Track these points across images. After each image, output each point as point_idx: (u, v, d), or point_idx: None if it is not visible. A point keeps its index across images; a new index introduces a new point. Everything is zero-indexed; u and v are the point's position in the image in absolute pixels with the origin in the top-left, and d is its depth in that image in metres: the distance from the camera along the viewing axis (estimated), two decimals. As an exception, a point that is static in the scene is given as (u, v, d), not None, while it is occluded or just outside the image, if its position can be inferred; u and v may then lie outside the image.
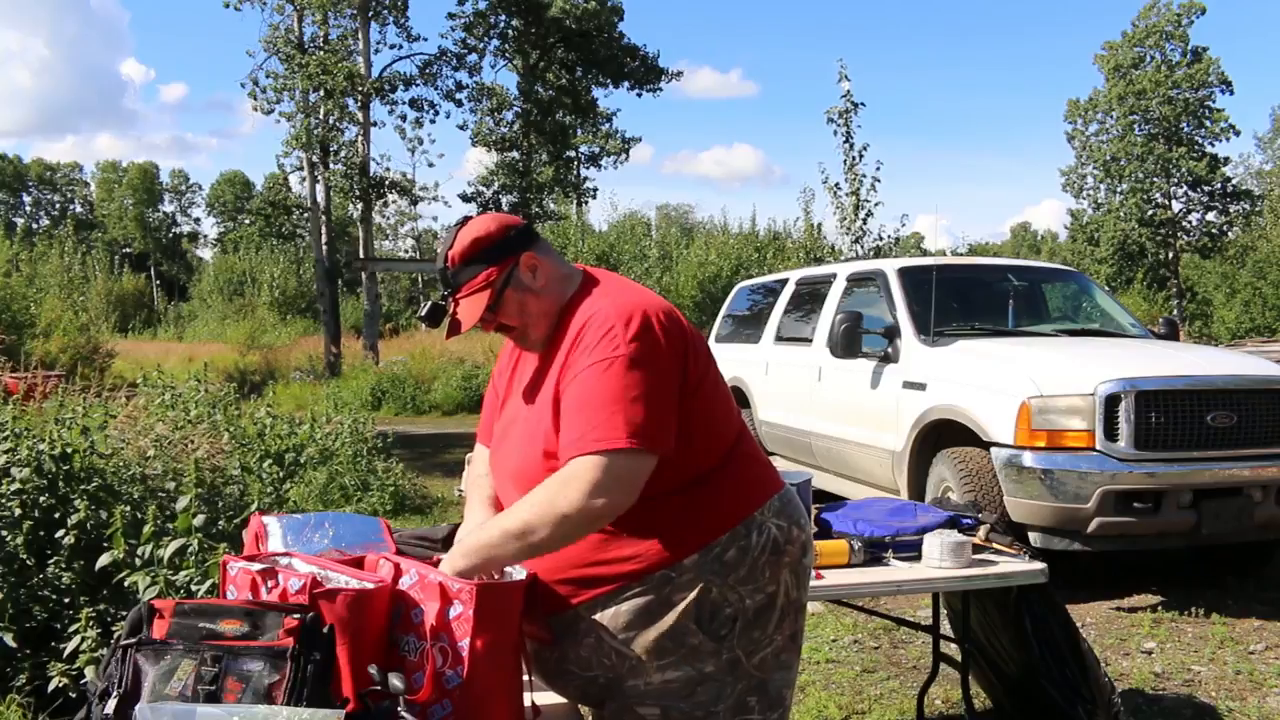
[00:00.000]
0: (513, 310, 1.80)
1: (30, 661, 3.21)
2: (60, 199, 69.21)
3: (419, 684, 1.54)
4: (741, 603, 1.70)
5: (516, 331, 1.84)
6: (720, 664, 1.70)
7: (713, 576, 1.68)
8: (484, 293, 1.78)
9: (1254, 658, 4.13)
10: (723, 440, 1.76)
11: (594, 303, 1.74)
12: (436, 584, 1.57)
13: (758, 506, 1.74)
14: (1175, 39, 30.70)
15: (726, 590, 1.69)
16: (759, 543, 1.72)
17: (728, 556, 1.69)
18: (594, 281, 1.83)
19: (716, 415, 1.75)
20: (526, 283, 1.79)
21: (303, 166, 21.05)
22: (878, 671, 4.01)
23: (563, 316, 1.79)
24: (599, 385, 1.61)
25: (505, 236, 1.81)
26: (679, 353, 1.69)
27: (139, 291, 48.74)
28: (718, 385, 1.78)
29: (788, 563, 1.76)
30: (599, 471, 1.56)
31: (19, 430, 3.82)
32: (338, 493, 6.57)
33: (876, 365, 5.91)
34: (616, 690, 1.71)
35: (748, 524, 1.72)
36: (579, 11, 21.07)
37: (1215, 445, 4.71)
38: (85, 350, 15.71)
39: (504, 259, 1.79)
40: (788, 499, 1.82)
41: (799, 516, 1.82)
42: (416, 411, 15.84)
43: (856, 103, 12.89)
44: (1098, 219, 32.20)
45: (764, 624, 1.73)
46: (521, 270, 1.79)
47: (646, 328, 1.66)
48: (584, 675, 1.73)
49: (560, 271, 1.83)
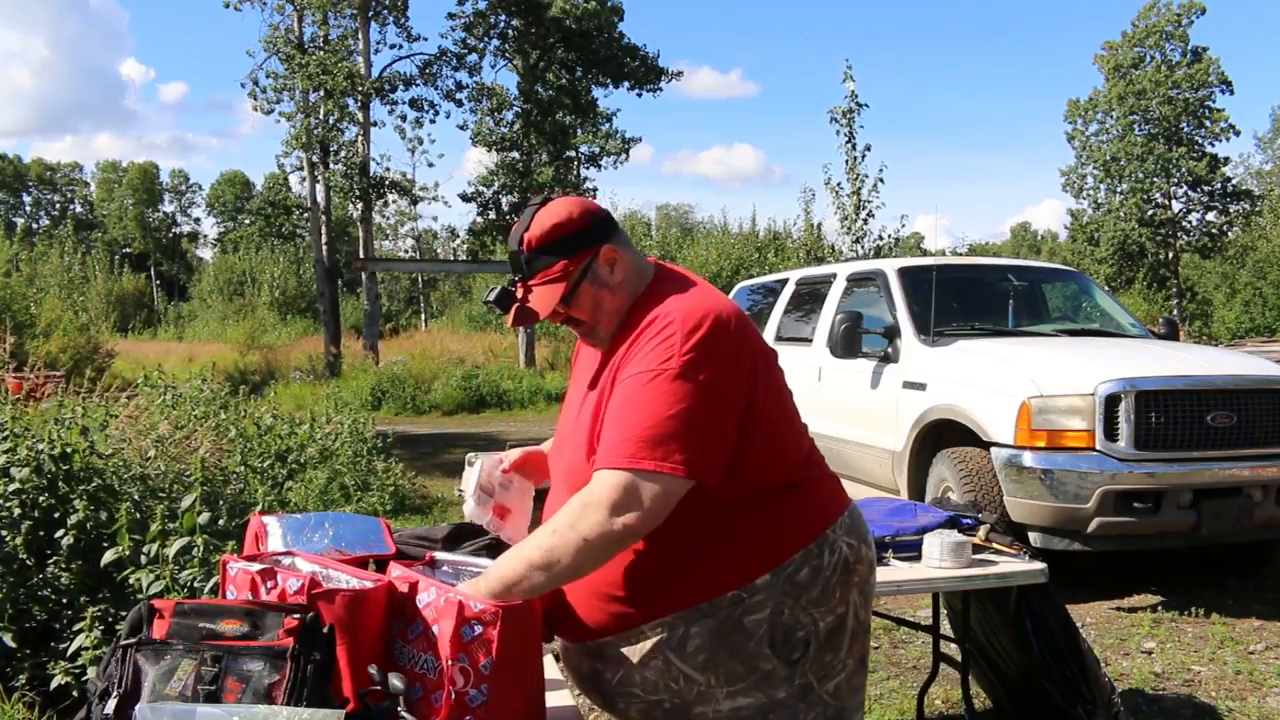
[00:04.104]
0: (586, 305, 1.68)
1: (30, 661, 3.21)
2: (60, 199, 69.19)
3: (418, 693, 1.54)
4: (814, 625, 1.62)
5: (585, 326, 1.72)
6: (793, 690, 1.62)
7: (785, 597, 1.60)
8: (559, 284, 1.66)
9: (1254, 658, 4.13)
10: (794, 455, 1.67)
11: (663, 303, 1.62)
12: (456, 602, 1.53)
13: (831, 523, 1.66)
14: (1175, 39, 30.68)
15: (799, 612, 1.61)
16: (831, 562, 1.64)
17: (800, 576, 1.61)
18: (667, 278, 1.72)
19: (788, 429, 1.67)
20: (604, 278, 1.67)
21: (303, 166, 21.05)
22: (878, 671, 4.01)
23: (631, 312, 1.68)
24: (642, 396, 1.52)
25: (587, 226, 1.68)
26: (746, 366, 1.58)
27: (139, 291, 48.76)
28: (789, 399, 1.70)
29: (856, 582, 1.68)
30: (620, 492, 1.48)
31: (18, 430, 3.82)
32: (338, 493, 6.57)
33: (876, 365, 5.91)
34: (682, 715, 1.63)
35: (820, 542, 1.64)
36: (579, 11, 21.05)
37: (1215, 445, 4.71)
38: (85, 350, 15.70)
39: (583, 250, 1.66)
40: (856, 516, 1.74)
41: (866, 534, 1.75)
42: (416, 411, 15.83)
43: (861, 103, 12.91)
44: (1098, 219, 32.19)
45: (836, 647, 1.66)
46: (600, 264, 1.67)
47: (712, 337, 1.54)
48: (648, 699, 1.64)
49: (637, 266, 1.71)
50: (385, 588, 1.61)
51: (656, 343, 1.55)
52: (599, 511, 1.48)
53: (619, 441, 1.51)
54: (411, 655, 1.57)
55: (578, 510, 1.51)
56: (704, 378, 1.52)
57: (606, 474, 1.50)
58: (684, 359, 1.52)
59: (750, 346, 1.61)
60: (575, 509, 1.51)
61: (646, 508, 1.49)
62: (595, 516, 1.48)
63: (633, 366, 1.56)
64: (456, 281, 40.73)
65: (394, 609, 1.61)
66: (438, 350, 20.98)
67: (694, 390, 1.51)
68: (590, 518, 1.49)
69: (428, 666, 1.55)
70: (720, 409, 1.54)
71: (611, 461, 1.50)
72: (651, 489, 1.48)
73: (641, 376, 1.53)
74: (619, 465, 1.49)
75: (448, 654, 1.52)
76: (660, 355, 1.53)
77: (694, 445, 1.50)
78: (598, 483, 1.50)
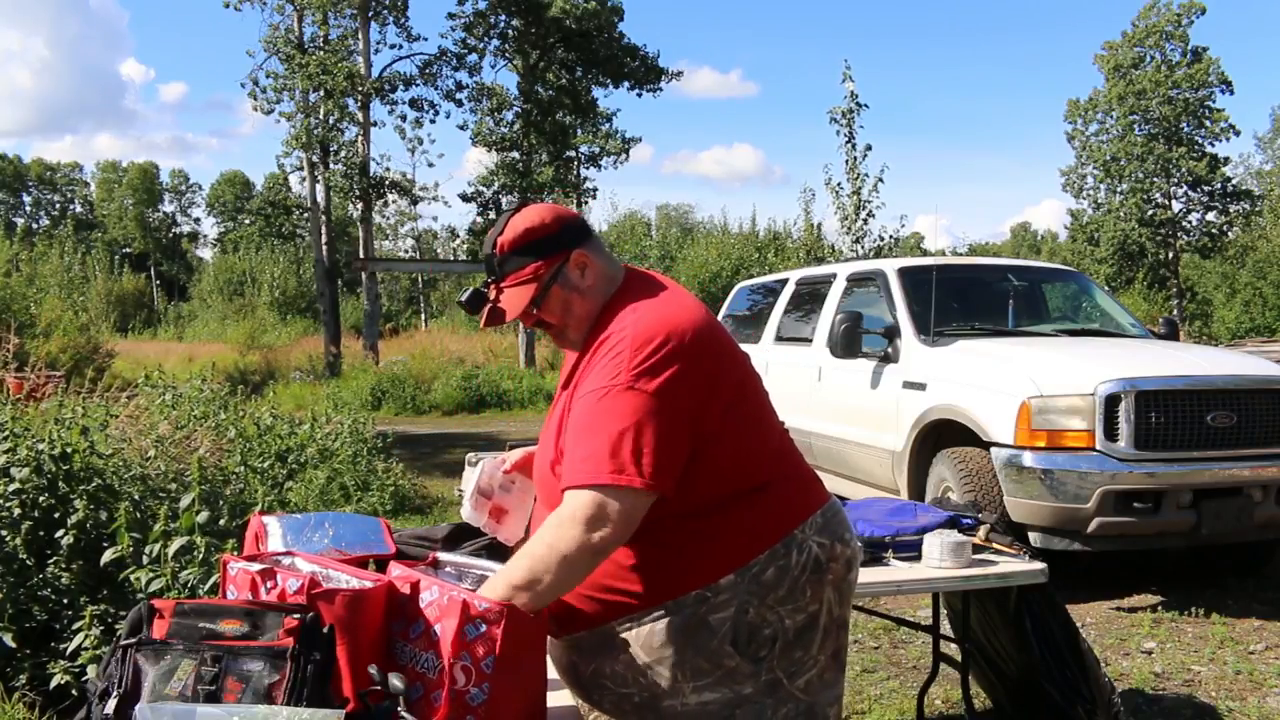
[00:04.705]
0: (556, 308, 1.73)
1: (30, 661, 3.21)
2: (60, 199, 69.19)
3: (418, 692, 1.54)
4: (781, 623, 1.65)
5: (555, 329, 1.76)
6: (759, 686, 1.65)
7: (750, 597, 1.63)
8: (529, 286, 1.71)
9: (1254, 658, 4.13)
10: (761, 459, 1.69)
11: (622, 316, 1.66)
12: (460, 601, 1.54)
13: (797, 525, 1.68)
14: (1175, 39, 30.67)
15: (765, 610, 1.64)
16: (799, 561, 1.66)
17: (765, 576, 1.64)
18: (633, 287, 1.74)
19: (754, 434, 1.68)
20: (574, 281, 1.72)
21: (303, 166, 21.06)
22: (878, 671, 4.01)
23: (600, 317, 1.72)
24: (595, 413, 1.57)
25: (559, 230, 1.72)
26: (702, 376, 1.61)
27: (139, 291, 48.77)
28: (757, 403, 1.71)
29: (831, 580, 1.70)
30: (592, 507, 1.53)
31: (19, 430, 3.82)
32: (338, 493, 6.57)
33: (876, 365, 5.91)
34: (653, 709, 1.67)
35: (787, 543, 1.66)
36: (579, 11, 21.05)
37: (1215, 445, 4.71)
38: (85, 350, 15.70)
39: (554, 254, 1.71)
40: (831, 514, 1.75)
41: (843, 531, 1.75)
42: (416, 411, 15.84)
43: (860, 103, 12.91)
44: (1098, 219, 32.19)
45: (806, 644, 1.68)
46: (570, 268, 1.72)
47: (662, 355, 1.58)
48: (619, 691, 1.69)
49: (608, 271, 1.75)
50: (385, 587, 1.60)
51: (608, 359, 1.60)
52: (574, 528, 1.53)
53: (580, 459, 1.56)
54: (412, 654, 1.57)
55: (554, 530, 1.55)
56: (653, 389, 1.56)
57: (574, 494, 1.55)
58: (632, 373, 1.57)
59: (709, 353, 1.64)
60: (551, 529, 1.56)
61: (616, 521, 1.54)
62: (571, 533, 1.53)
63: (587, 384, 1.62)
64: (456, 281, 40.68)
65: (395, 608, 1.61)
66: (438, 350, 20.99)
67: (643, 403, 1.56)
68: (566, 536, 1.54)
69: (428, 665, 1.55)
70: (671, 420, 1.57)
71: (577, 480, 1.55)
72: (617, 503, 1.53)
73: (594, 394, 1.59)
74: (584, 483, 1.54)
75: (449, 653, 1.52)
76: (610, 371, 1.59)
77: (648, 457, 1.54)
78: (569, 502, 1.56)
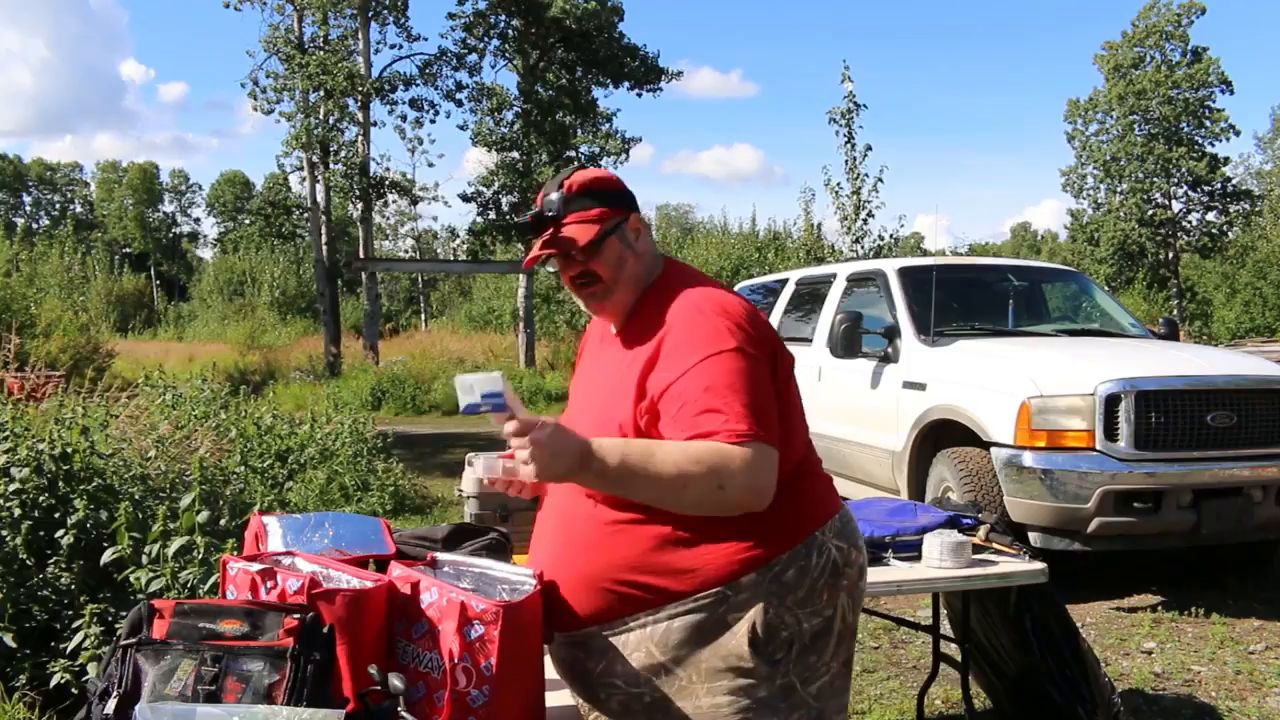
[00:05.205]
0: (611, 259, 1.72)
1: (30, 661, 3.21)
2: (60, 199, 69.19)
3: (420, 692, 1.54)
4: (798, 626, 1.63)
5: (601, 285, 1.73)
6: (774, 689, 1.62)
7: (771, 597, 1.60)
8: (594, 226, 1.70)
9: (1254, 658, 4.13)
10: (795, 450, 1.68)
11: (688, 293, 1.68)
12: (458, 603, 1.54)
13: (820, 525, 1.67)
14: (1175, 39, 30.67)
15: (784, 612, 1.61)
16: (818, 564, 1.64)
17: (787, 577, 1.61)
18: (679, 273, 1.78)
19: (793, 423, 1.68)
20: (630, 240, 1.74)
21: (303, 166, 21.03)
22: (878, 671, 4.01)
23: (644, 301, 1.73)
24: (718, 375, 1.55)
25: (623, 190, 1.77)
26: (770, 351, 1.65)
27: (139, 291, 48.78)
28: (797, 390, 1.72)
29: (845, 586, 1.68)
30: (758, 459, 1.51)
31: (19, 430, 3.82)
32: (338, 493, 6.57)
33: (876, 365, 5.91)
34: (662, 709, 1.63)
35: (809, 544, 1.64)
36: (579, 11, 21.02)
37: (1215, 445, 4.71)
38: (85, 350, 15.69)
39: (618, 207, 1.74)
40: (847, 519, 1.74)
41: (857, 538, 1.75)
42: (416, 411, 15.82)
43: (859, 103, 12.91)
44: (1098, 219, 32.18)
45: (820, 649, 1.66)
46: (629, 227, 1.74)
47: (749, 322, 1.63)
48: (629, 691, 1.65)
49: (653, 251, 1.79)
50: (385, 588, 1.61)
51: (703, 327, 1.60)
52: (744, 474, 1.50)
53: (734, 414, 1.51)
54: (416, 654, 1.58)
55: (719, 459, 1.50)
56: (755, 358, 1.59)
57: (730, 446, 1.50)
58: (739, 337, 1.59)
59: (772, 333, 1.69)
60: (715, 457, 1.50)
61: (769, 475, 1.54)
62: (740, 477, 1.50)
63: (686, 353, 1.58)
64: (456, 281, 40.73)
65: (397, 609, 1.61)
66: (438, 350, 21.00)
67: (755, 368, 1.58)
68: (733, 472, 1.50)
69: (432, 665, 1.55)
70: (769, 388, 1.61)
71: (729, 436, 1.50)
72: (768, 458, 1.54)
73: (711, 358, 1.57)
74: (738, 439, 1.50)
75: (451, 654, 1.52)
76: (715, 340, 1.58)
77: (773, 418, 1.57)
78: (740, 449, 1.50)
